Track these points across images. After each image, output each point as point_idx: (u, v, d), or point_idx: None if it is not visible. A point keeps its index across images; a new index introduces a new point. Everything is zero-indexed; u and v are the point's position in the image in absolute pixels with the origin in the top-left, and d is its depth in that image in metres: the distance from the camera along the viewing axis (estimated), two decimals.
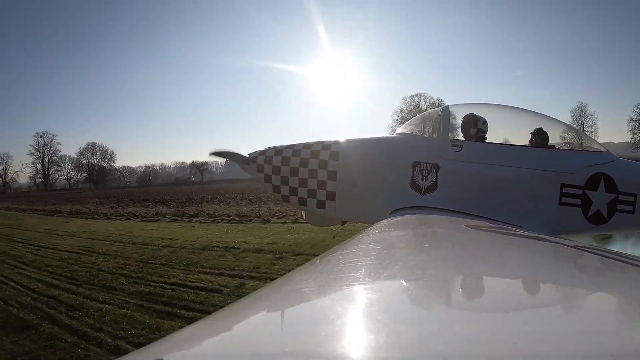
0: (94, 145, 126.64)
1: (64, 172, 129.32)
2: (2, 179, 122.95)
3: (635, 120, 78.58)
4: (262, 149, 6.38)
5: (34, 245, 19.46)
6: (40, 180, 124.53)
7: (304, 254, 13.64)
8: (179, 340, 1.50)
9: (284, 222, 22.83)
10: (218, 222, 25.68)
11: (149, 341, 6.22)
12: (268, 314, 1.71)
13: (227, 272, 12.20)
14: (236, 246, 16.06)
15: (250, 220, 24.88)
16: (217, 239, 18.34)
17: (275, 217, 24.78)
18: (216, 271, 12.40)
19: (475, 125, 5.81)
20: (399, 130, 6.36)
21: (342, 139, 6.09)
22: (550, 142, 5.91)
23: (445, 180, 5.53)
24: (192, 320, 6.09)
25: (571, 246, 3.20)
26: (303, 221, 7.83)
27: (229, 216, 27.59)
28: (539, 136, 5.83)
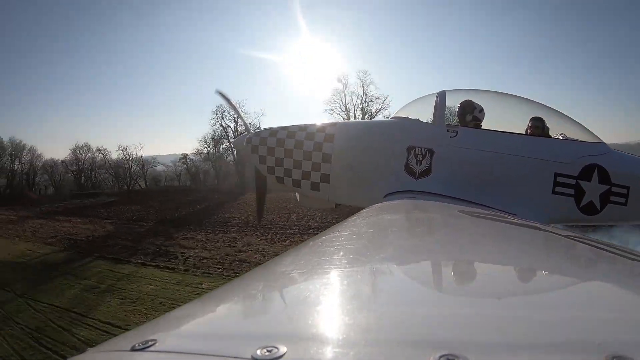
0: None
1: None
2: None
3: None
4: (257, 130, 6.37)
5: None
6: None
7: None
8: (170, 320, 1.50)
9: None
10: None
11: None
12: (258, 296, 1.71)
13: None
14: None
15: None
16: None
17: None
18: None
19: (471, 113, 5.80)
20: (395, 114, 6.34)
21: (337, 121, 6.07)
22: (547, 131, 5.91)
23: (439, 165, 5.54)
24: None
25: (563, 235, 3.22)
26: None
27: None
28: (536, 124, 5.83)
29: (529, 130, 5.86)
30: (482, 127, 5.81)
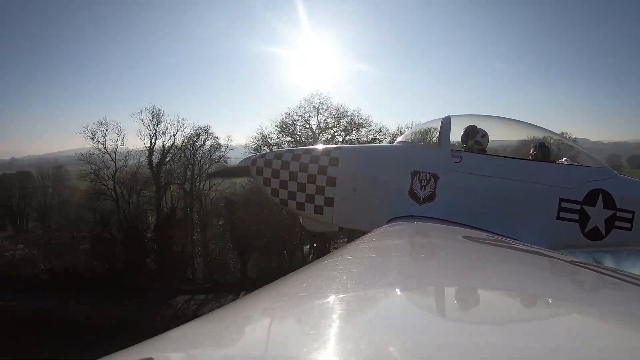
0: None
1: None
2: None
3: None
4: (262, 152, 6.41)
5: None
6: None
7: None
8: (169, 339, 1.50)
9: None
10: None
11: None
12: (259, 317, 1.70)
13: None
14: None
15: None
16: None
17: None
18: None
19: (473, 137, 5.81)
20: (400, 138, 6.37)
21: (342, 145, 6.11)
22: (551, 157, 5.92)
23: (443, 190, 5.52)
24: None
25: (567, 261, 3.19)
26: None
27: None
28: (540, 150, 5.84)
29: (532, 155, 5.87)
30: (486, 152, 5.83)
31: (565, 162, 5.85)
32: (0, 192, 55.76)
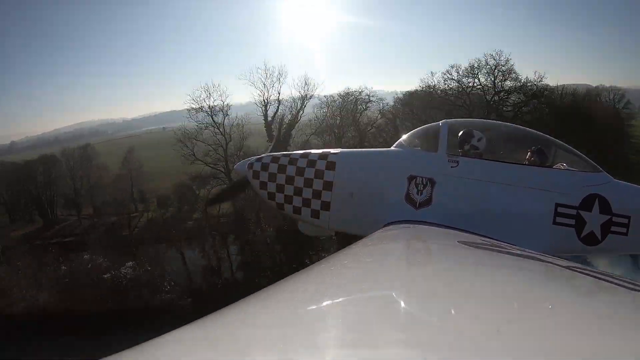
0: None
1: None
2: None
3: None
4: (259, 155, 6.41)
5: None
6: None
7: None
8: (165, 343, 1.49)
9: None
10: None
11: None
12: (256, 321, 1.70)
13: None
14: None
15: None
16: None
17: None
18: None
19: (469, 142, 5.83)
20: (397, 143, 6.39)
21: (339, 149, 6.12)
22: (548, 162, 5.94)
23: (440, 195, 5.54)
24: None
25: (563, 266, 3.20)
26: None
27: None
28: (537, 155, 5.86)
29: (529, 160, 5.89)
30: (483, 157, 5.84)
31: (562, 167, 5.88)
32: (25, 181, 49.02)
